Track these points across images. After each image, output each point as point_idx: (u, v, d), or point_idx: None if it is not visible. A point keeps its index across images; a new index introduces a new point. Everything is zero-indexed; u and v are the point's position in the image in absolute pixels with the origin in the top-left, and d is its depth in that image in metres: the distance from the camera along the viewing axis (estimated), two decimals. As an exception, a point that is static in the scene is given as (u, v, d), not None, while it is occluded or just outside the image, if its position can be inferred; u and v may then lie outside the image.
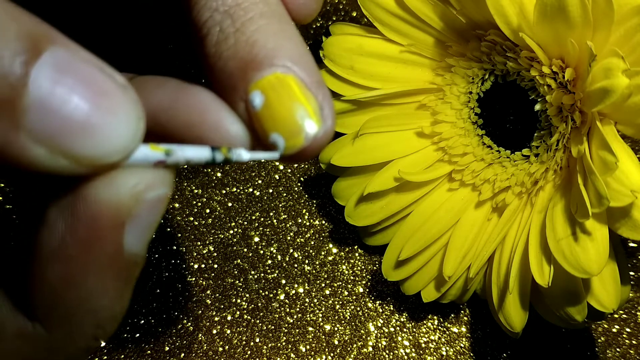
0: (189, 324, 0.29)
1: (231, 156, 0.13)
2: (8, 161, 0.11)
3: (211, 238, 0.31)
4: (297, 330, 0.29)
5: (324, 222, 0.31)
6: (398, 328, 0.30)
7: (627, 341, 0.29)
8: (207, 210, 0.31)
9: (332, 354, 0.29)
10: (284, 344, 0.29)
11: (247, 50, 0.14)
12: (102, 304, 0.13)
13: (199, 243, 0.31)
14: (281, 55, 0.14)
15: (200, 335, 0.29)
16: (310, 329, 0.30)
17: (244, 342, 0.29)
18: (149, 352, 0.29)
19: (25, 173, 0.11)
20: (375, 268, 0.30)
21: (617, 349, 0.29)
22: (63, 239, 0.12)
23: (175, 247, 0.31)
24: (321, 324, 0.30)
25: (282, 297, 0.30)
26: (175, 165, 0.13)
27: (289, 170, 0.32)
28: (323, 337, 0.29)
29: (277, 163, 0.32)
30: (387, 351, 0.29)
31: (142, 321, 0.29)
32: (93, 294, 0.13)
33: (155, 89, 0.14)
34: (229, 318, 0.30)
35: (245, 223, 0.31)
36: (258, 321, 0.30)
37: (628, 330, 0.29)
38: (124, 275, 0.13)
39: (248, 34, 0.14)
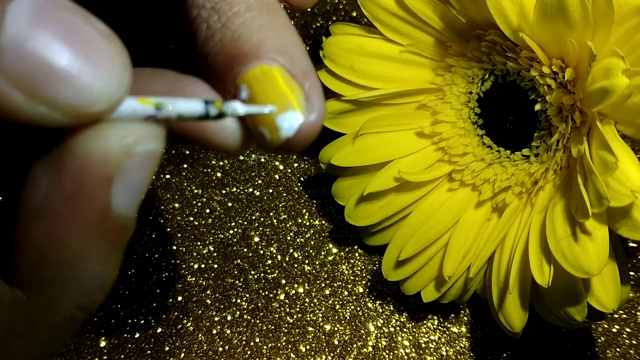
0: (189, 324, 0.29)
1: (225, 109, 0.13)
2: None
3: (211, 238, 0.31)
4: (297, 330, 0.29)
5: (324, 222, 0.31)
6: (398, 328, 0.30)
7: (627, 341, 0.29)
8: (207, 210, 0.31)
9: (332, 354, 0.29)
10: (284, 344, 0.29)
11: (232, 45, 0.14)
12: (87, 269, 0.12)
13: (199, 243, 0.31)
14: (266, 47, 0.14)
15: (200, 335, 0.29)
16: (310, 329, 0.30)
17: (244, 342, 0.29)
18: (149, 352, 0.29)
19: (9, 127, 0.11)
20: (375, 268, 0.30)
21: (617, 349, 0.29)
22: (48, 195, 0.12)
23: (175, 247, 0.31)
24: (321, 324, 0.30)
25: (282, 297, 0.30)
26: (167, 120, 0.12)
27: (289, 170, 0.32)
28: (323, 337, 0.29)
29: (277, 163, 0.32)
30: (387, 351, 0.29)
31: (142, 321, 0.29)
32: (78, 255, 0.12)
33: (152, 80, 0.14)
34: (229, 318, 0.30)
35: (245, 223, 0.31)
36: (258, 321, 0.30)
37: (628, 330, 0.29)
38: (112, 238, 0.12)
39: (233, 28, 0.14)
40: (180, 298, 0.30)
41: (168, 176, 0.31)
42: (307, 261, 0.31)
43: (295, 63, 0.14)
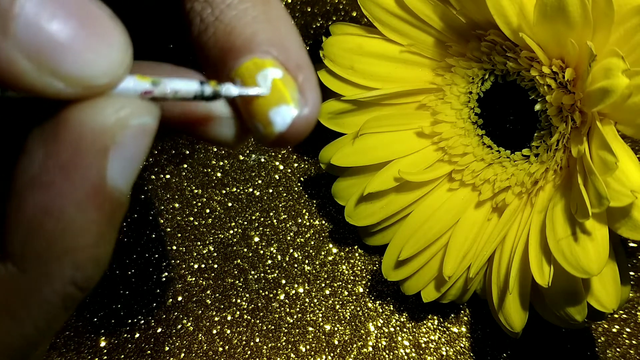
0: (189, 324, 0.29)
1: (220, 89, 0.13)
2: None
3: (211, 238, 0.31)
4: (297, 330, 0.29)
5: (324, 222, 0.31)
6: (398, 328, 0.30)
7: (627, 341, 0.29)
8: (207, 210, 0.31)
9: (332, 354, 0.29)
10: (284, 344, 0.29)
11: (225, 39, 0.14)
12: (82, 241, 0.12)
13: (199, 243, 0.31)
14: (259, 40, 0.14)
15: (200, 335, 0.29)
16: (310, 329, 0.30)
17: (244, 342, 0.29)
18: (149, 352, 0.29)
19: (6, 99, 0.11)
20: (375, 268, 0.30)
21: (617, 349, 0.29)
22: (43, 164, 0.12)
23: (175, 247, 0.31)
24: (321, 324, 0.30)
25: (282, 297, 0.30)
26: (163, 97, 0.13)
27: (289, 170, 0.32)
28: (323, 337, 0.29)
29: (277, 163, 0.32)
30: (387, 351, 0.29)
31: (142, 321, 0.29)
32: (73, 226, 0.12)
33: (149, 72, 0.14)
34: (229, 318, 0.30)
35: (245, 223, 0.31)
36: (258, 321, 0.30)
37: (628, 330, 0.29)
38: (107, 212, 0.12)
39: (226, 21, 0.14)
40: (180, 298, 0.30)
41: (168, 176, 0.31)
42: (307, 261, 0.31)
43: (290, 56, 0.14)
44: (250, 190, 0.31)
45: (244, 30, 0.14)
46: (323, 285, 0.30)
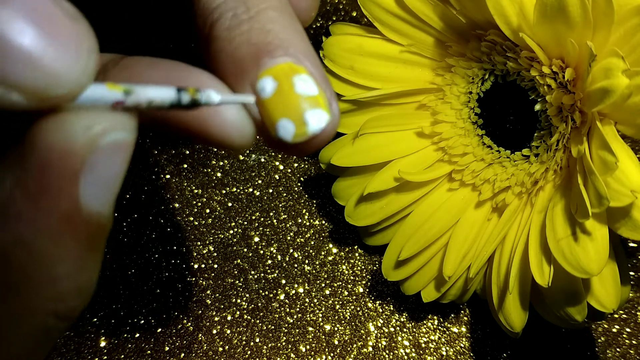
0: (189, 324, 0.29)
1: (199, 97, 0.12)
2: None
3: (211, 238, 0.31)
4: (297, 330, 0.29)
5: (324, 222, 0.31)
6: (398, 328, 0.30)
7: (627, 341, 0.29)
8: (207, 210, 0.31)
9: (332, 354, 0.29)
10: (284, 344, 0.29)
11: (261, 37, 0.14)
12: (61, 272, 0.12)
13: (199, 243, 0.31)
14: (295, 47, 0.14)
15: (200, 335, 0.29)
16: (310, 329, 0.30)
17: (244, 342, 0.29)
18: (149, 352, 0.29)
19: None
20: (375, 268, 0.30)
21: (617, 349, 0.29)
22: (11, 194, 0.11)
23: (175, 247, 0.31)
24: (321, 324, 0.30)
25: (282, 297, 0.30)
26: (136, 107, 0.11)
27: (289, 170, 0.32)
28: (323, 337, 0.29)
29: (277, 163, 0.32)
30: (387, 351, 0.29)
31: (142, 321, 0.29)
32: (47, 258, 0.11)
33: (147, 69, 0.14)
34: (229, 318, 0.30)
35: (245, 223, 0.31)
36: (258, 321, 0.30)
37: (628, 330, 0.29)
38: (85, 238, 0.12)
39: (263, 22, 0.14)
40: (180, 298, 0.30)
41: (168, 176, 0.31)
42: (307, 261, 0.31)
43: (318, 69, 0.14)
44: (250, 190, 0.31)
45: (279, 34, 0.14)
46: (323, 285, 0.30)
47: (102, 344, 0.29)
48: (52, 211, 0.11)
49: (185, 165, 0.32)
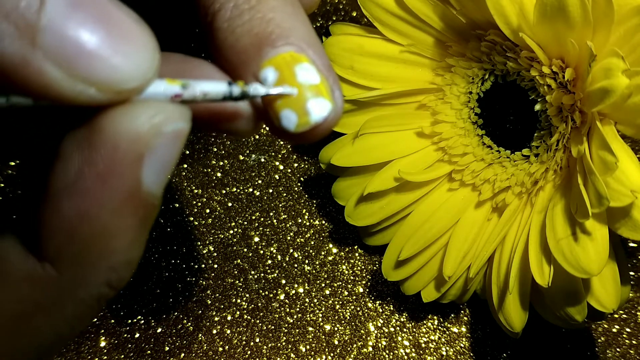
0: (189, 324, 0.29)
1: (248, 89, 0.13)
2: (28, 83, 0.11)
3: (211, 238, 0.31)
4: (297, 330, 0.29)
5: (324, 222, 0.31)
6: (398, 328, 0.30)
7: (627, 341, 0.29)
8: (207, 210, 0.31)
9: (332, 354, 0.29)
10: (284, 344, 0.29)
11: (262, 27, 0.14)
12: (117, 245, 0.13)
13: (199, 243, 0.31)
14: (297, 35, 0.14)
15: (200, 335, 0.29)
16: (310, 329, 0.30)
17: (244, 342, 0.29)
18: (149, 352, 0.29)
19: (41, 109, 0.12)
20: (375, 268, 0.30)
21: (617, 349, 0.29)
22: (80, 172, 0.12)
23: (175, 247, 0.31)
24: (321, 324, 0.30)
25: (282, 297, 0.30)
26: (192, 100, 0.13)
27: (289, 170, 0.32)
28: (323, 337, 0.29)
29: (277, 163, 0.32)
30: (387, 351, 0.29)
31: (142, 321, 0.29)
32: (108, 231, 0.13)
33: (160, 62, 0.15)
34: (229, 318, 0.30)
35: (245, 223, 0.31)
36: (258, 321, 0.30)
37: (628, 330, 0.29)
38: (141, 215, 0.13)
39: (264, 11, 0.14)
40: (180, 298, 0.30)
41: (168, 176, 0.31)
42: (307, 261, 0.31)
43: (321, 57, 0.14)
44: (250, 190, 0.31)
45: (282, 23, 0.14)
46: (323, 285, 0.30)
47: (102, 344, 0.29)
48: (117, 189, 0.12)
49: (185, 165, 0.32)
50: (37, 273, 0.13)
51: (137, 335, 0.29)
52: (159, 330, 0.29)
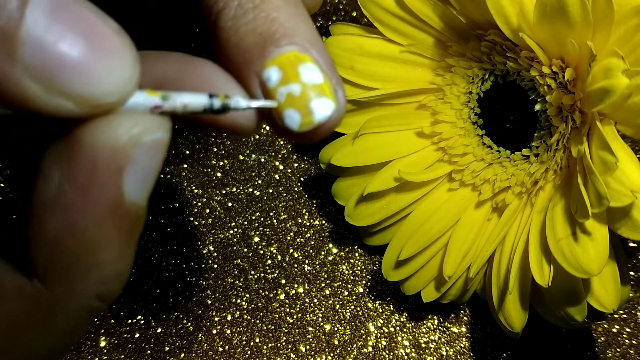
0: (189, 324, 0.29)
1: (229, 102, 0.13)
2: (5, 98, 0.11)
3: (211, 238, 0.31)
4: (297, 330, 0.30)
5: (324, 222, 0.31)
6: (398, 328, 0.30)
7: (627, 341, 0.29)
8: (207, 210, 0.31)
9: (332, 354, 0.29)
10: (284, 344, 0.29)
11: (266, 27, 0.14)
12: (104, 258, 0.13)
13: (199, 243, 0.31)
14: (300, 35, 0.14)
15: (200, 335, 0.29)
16: (310, 329, 0.30)
17: (244, 342, 0.29)
18: (149, 352, 0.29)
19: (20, 124, 0.12)
20: (375, 268, 0.30)
21: (617, 349, 0.29)
22: (61, 187, 0.12)
23: (175, 247, 0.31)
24: (321, 324, 0.30)
25: (282, 297, 0.30)
26: (172, 111, 0.13)
27: (289, 170, 0.32)
28: (323, 337, 0.29)
29: (277, 163, 0.32)
30: (387, 351, 0.29)
31: (142, 321, 0.29)
32: (94, 244, 0.13)
33: (158, 62, 0.14)
34: (229, 318, 0.30)
35: (245, 223, 0.31)
36: (258, 321, 0.30)
37: (628, 330, 0.29)
38: (126, 226, 0.13)
39: (268, 10, 0.14)
40: (180, 298, 0.30)
41: (168, 176, 0.31)
42: (307, 261, 0.31)
43: (324, 56, 0.14)
44: (250, 190, 0.31)
45: (285, 23, 0.14)
46: (323, 285, 0.30)
47: (102, 344, 0.29)
48: (100, 201, 0.12)
49: (185, 165, 0.32)
50: (27, 290, 0.13)
51: (137, 335, 0.29)
52: (159, 330, 0.29)
